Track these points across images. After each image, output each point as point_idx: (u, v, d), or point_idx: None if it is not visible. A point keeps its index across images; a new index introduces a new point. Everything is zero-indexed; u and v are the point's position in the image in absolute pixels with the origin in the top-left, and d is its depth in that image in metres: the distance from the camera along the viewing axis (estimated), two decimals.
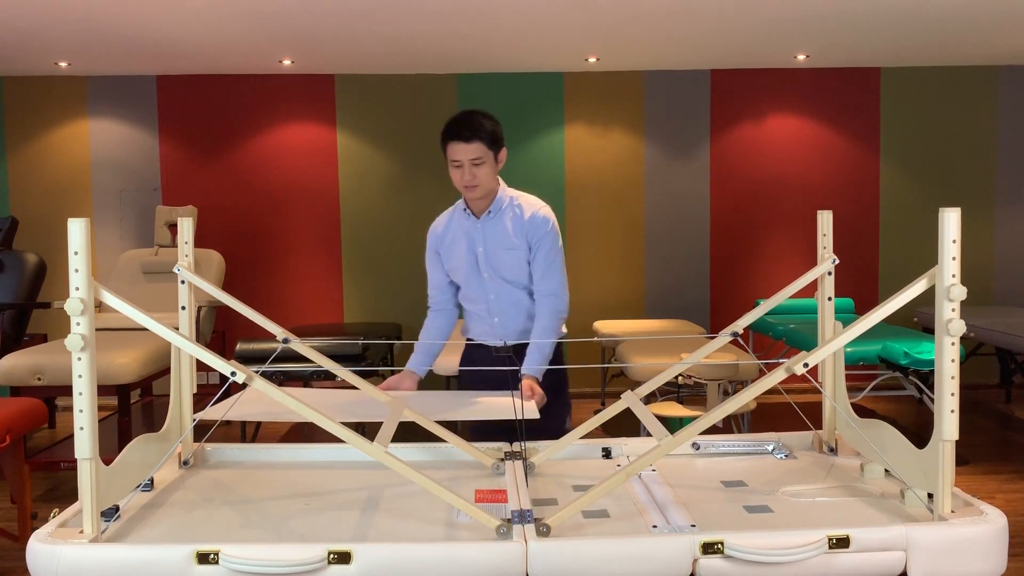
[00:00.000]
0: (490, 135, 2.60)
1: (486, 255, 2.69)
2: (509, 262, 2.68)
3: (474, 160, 2.57)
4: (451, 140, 2.59)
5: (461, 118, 2.61)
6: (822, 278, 2.08)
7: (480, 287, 2.72)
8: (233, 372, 1.62)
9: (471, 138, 2.56)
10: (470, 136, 2.56)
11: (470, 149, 2.56)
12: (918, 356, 4.42)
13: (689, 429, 1.67)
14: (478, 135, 2.57)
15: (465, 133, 2.56)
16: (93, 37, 5.36)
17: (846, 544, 1.50)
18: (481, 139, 2.57)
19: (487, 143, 2.59)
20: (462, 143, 2.56)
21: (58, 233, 6.49)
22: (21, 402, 3.42)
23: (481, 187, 2.62)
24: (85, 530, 1.53)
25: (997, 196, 6.80)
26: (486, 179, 2.62)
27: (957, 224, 1.53)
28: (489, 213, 2.69)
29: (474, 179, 2.59)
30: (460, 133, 2.57)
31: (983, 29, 5.51)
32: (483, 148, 2.58)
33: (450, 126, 2.61)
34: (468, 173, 2.59)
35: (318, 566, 1.46)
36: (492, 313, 2.73)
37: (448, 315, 2.84)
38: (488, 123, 2.61)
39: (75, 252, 1.50)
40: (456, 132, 2.58)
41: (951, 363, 1.55)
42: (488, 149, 2.59)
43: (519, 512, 1.64)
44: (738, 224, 6.76)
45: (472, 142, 2.56)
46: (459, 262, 2.73)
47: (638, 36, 5.58)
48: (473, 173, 2.59)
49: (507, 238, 2.67)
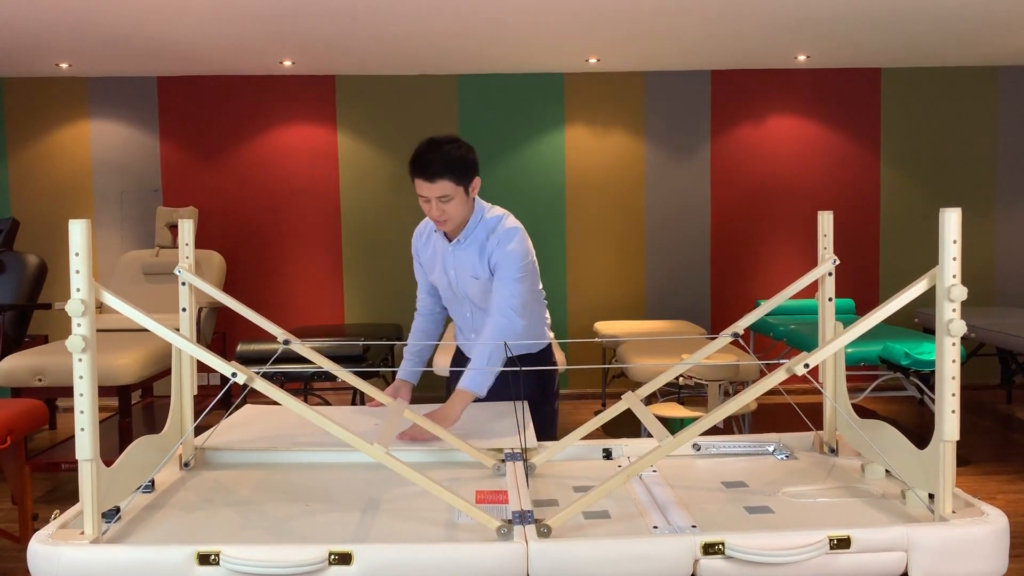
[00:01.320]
0: (457, 169, 2.42)
1: (457, 280, 2.64)
2: (476, 290, 2.61)
3: (441, 198, 2.43)
4: (416, 176, 2.44)
5: (425, 155, 2.42)
6: (823, 279, 2.08)
7: (458, 305, 2.72)
8: (234, 373, 1.62)
9: (435, 177, 2.40)
10: (433, 175, 2.40)
11: (434, 188, 2.41)
12: (919, 357, 4.42)
13: (690, 430, 1.67)
14: (442, 174, 2.40)
15: (428, 172, 2.40)
16: (94, 38, 5.37)
17: (847, 545, 1.50)
18: (446, 176, 2.41)
19: (454, 179, 2.42)
20: (426, 182, 2.41)
21: (59, 234, 6.50)
22: (22, 403, 3.41)
23: (451, 221, 2.50)
24: (86, 531, 1.53)
25: (998, 196, 6.80)
26: (456, 213, 2.48)
27: (958, 224, 1.52)
28: (459, 241, 2.57)
29: (443, 215, 2.46)
30: (424, 171, 2.41)
31: (984, 30, 5.51)
32: (450, 185, 2.41)
33: (415, 160, 2.44)
34: (436, 209, 2.45)
35: (319, 567, 1.46)
36: (471, 328, 2.72)
37: (435, 318, 2.81)
38: (455, 153, 2.42)
39: (76, 253, 1.50)
40: (420, 169, 2.42)
41: (952, 364, 1.55)
42: (456, 185, 2.42)
43: (520, 513, 1.64)
44: (739, 225, 6.76)
45: (436, 181, 2.40)
46: (436, 277, 2.71)
47: (638, 37, 5.58)
48: (441, 209, 2.45)
49: (473, 267, 2.57)
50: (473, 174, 2.48)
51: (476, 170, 2.49)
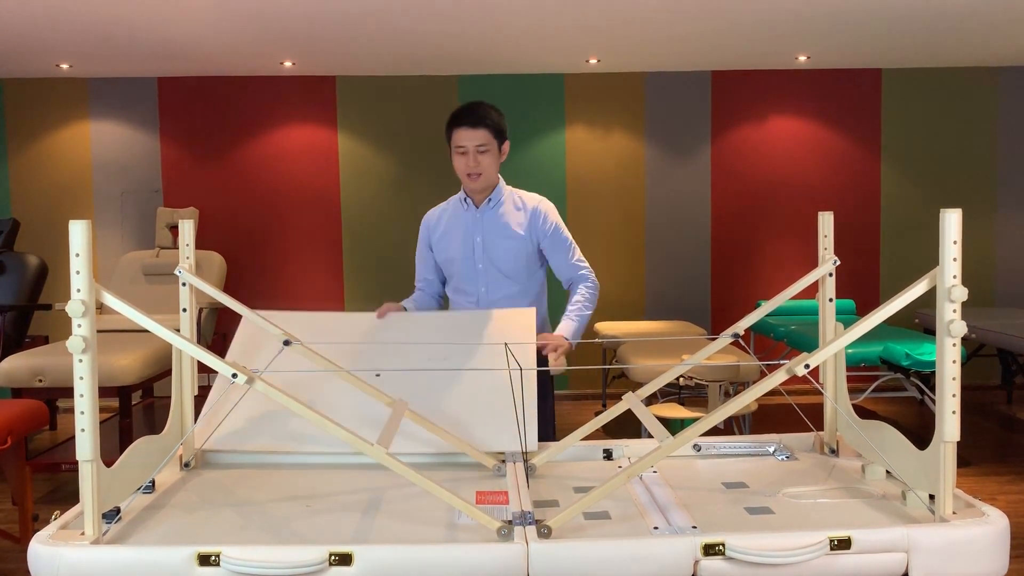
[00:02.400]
0: (495, 125, 2.65)
1: (484, 245, 2.72)
2: (508, 252, 2.72)
3: (479, 147, 2.62)
4: (457, 126, 2.63)
5: (468, 105, 2.66)
6: (823, 279, 2.08)
7: (473, 280, 2.75)
8: (234, 374, 1.62)
9: (477, 124, 2.61)
10: (476, 122, 2.61)
11: (476, 135, 2.61)
12: (919, 357, 4.41)
13: (690, 430, 1.67)
14: (484, 122, 2.62)
15: (471, 119, 2.61)
16: (94, 39, 5.37)
17: (847, 545, 1.50)
18: (487, 126, 2.62)
19: (492, 132, 2.63)
20: (468, 129, 2.61)
21: (59, 235, 6.49)
22: (22, 404, 3.41)
23: (484, 176, 2.66)
24: (86, 532, 1.53)
25: (998, 197, 6.79)
26: (489, 168, 2.66)
27: (958, 225, 1.52)
28: (489, 202, 2.74)
29: (478, 166, 2.63)
30: (466, 119, 2.62)
31: (984, 30, 5.51)
32: (488, 136, 2.62)
33: (457, 113, 2.65)
34: (472, 160, 2.63)
35: (319, 568, 1.46)
36: (481, 306, 2.74)
37: (436, 298, 2.92)
38: (494, 113, 2.66)
39: (76, 254, 1.50)
40: (462, 118, 2.63)
41: (952, 364, 1.55)
42: (493, 138, 2.64)
43: (520, 514, 1.64)
44: (739, 225, 6.76)
45: (478, 128, 2.61)
46: (454, 252, 2.76)
47: (639, 37, 5.58)
48: (477, 160, 2.63)
49: (507, 227, 2.72)
50: (505, 137, 2.71)
51: (507, 136, 2.72)
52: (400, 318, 2.58)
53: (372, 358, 2.34)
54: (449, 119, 2.67)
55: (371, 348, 2.39)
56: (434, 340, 2.41)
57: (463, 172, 2.67)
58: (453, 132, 2.65)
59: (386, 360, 2.33)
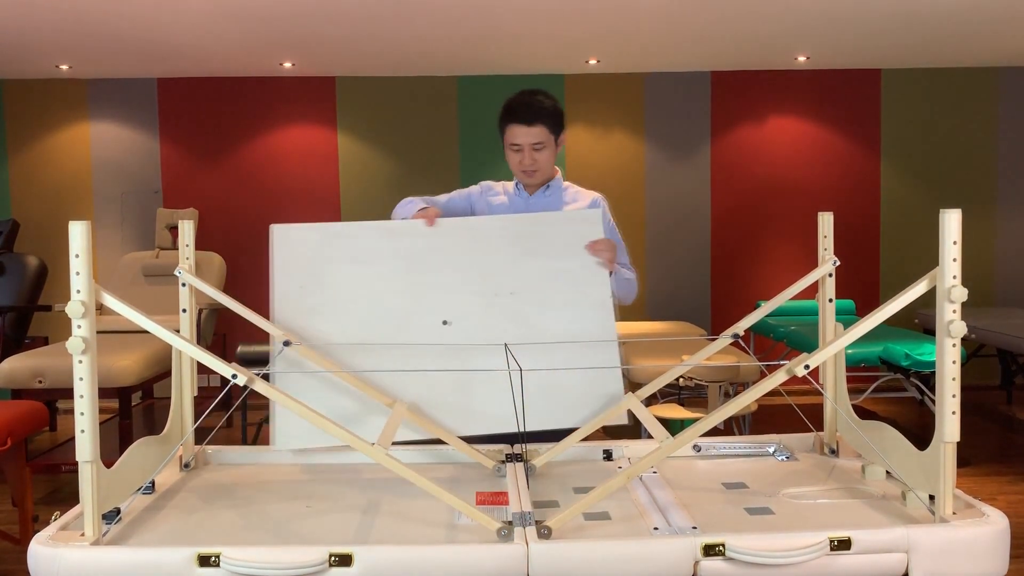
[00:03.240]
0: (552, 117, 2.46)
1: None
2: None
3: (535, 145, 2.45)
4: (512, 123, 2.45)
5: (523, 99, 2.46)
6: (823, 280, 2.08)
7: None
8: (234, 375, 1.62)
9: (533, 121, 2.43)
10: (532, 119, 2.42)
11: (532, 133, 2.44)
12: (919, 358, 4.42)
13: (690, 431, 1.67)
14: (540, 118, 2.43)
15: (527, 116, 2.42)
16: (94, 40, 5.37)
17: (847, 546, 1.50)
18: (543, 122, 2.44)
19: (549, 126, 2.46)
20: (523, 126, 2.43)
21: (59, 236, 6.49)
22: (22, 405, 3.41)
23: (540, 172, 2.51)
24: (86, 533, 1.53)
25: (998, 197, 6.79)
26: (546, 164, 2.51)
27: (958, 225, 1.52)
28: (548, 188, 2.58)
29: (534, 164, 2.47)
30: (522, 116, 2.43)
31: (984, 31, 5.51)
32: (545, 132, 2.45)
33: (511, 107, 2.46)
34: (528, 158, 2.47)
35: (319, 568, 1.46)
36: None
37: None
38: (550, 104, 2.47)
39: (76, 255, 1.50)
40: (518, 114, 2.43)
41: (952, 364, 1.54)
42: (550, 133, 2.47)
43: (520, 514, 1.63)
44: (739, 225, 6.76)
45: (534, 125, 2.43)
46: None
47: (638, 38, 5.58)
48: (534, 158, 2.47)
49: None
50: (563, 127, 2.52)
51: (564, 125, 2.52)
52: (457, 226, 2.25)
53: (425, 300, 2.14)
54: (502, 112, 2.47)
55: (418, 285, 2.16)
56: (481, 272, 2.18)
57: (518, 169, 2.50)
58: (507, 128, 2.46)
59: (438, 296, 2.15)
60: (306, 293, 2.15)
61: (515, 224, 2.28)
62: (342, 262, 2.17)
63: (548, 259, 2.22)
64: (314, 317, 2.14)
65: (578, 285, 2.20)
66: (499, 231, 2.24)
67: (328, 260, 2.18)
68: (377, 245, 2.20)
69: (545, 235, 2.26)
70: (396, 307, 2.16)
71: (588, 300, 2.20)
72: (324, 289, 2.16)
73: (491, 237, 2.23)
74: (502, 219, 2.33)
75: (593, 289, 2.21)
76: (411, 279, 2.17)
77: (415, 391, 2.09)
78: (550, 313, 2.18)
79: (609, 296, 2.23)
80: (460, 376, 2.12)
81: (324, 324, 2.13)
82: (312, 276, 2.16)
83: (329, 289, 2.16)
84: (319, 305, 2.15)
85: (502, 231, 2.24)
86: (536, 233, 2.25)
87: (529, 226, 2.28)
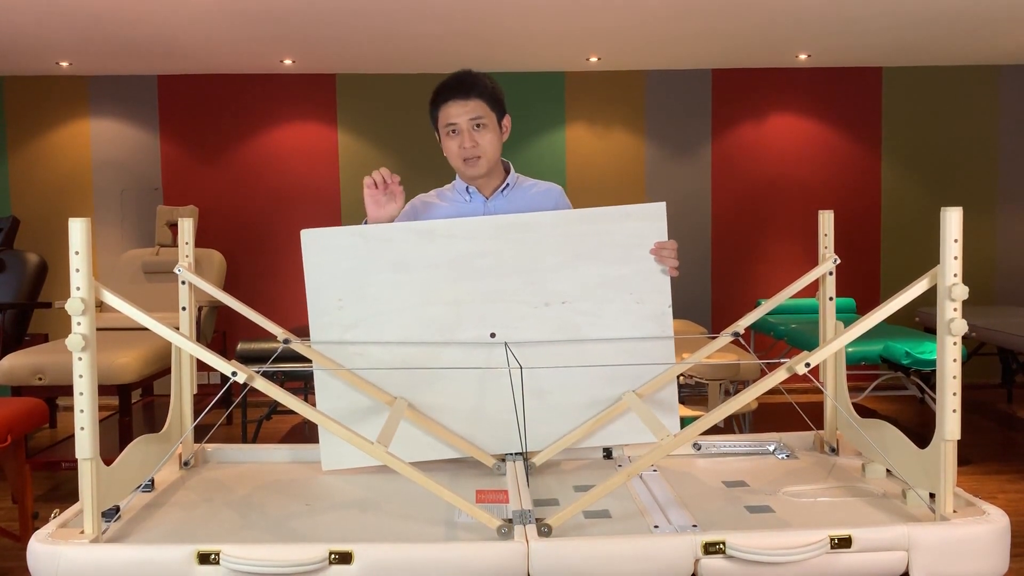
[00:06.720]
0: (491, 93, 2.15)
1: None
2: None
3: (474, 120, 2.12)
4: (443, 102, 2.13)
5: (453, 75, 2.15)
6: (823, 278, 2.08)
7: None
8: (234, 372, 1.62)
9: (468, 94, 2.11)
10: (467, 92, 2.11)
11: (468, 107, 2.11)
12: (920, 356, 4.41)
13: (690, 429, 1.67)
14: (476, 90, 2.11)
15: (461, 90, 2.11)
16: (94, 37, 5.36)
17: (848, 544, 1.50)
18: (481, 96, 2.12)
19: (488, 102, 2.13)
20: (458, 101, 2.11)
21: (59, 233, 6.49)
22: (22, 402, 3.42)
23: (485, 158, 2.15)
24: (86, 530, 1.53)
25: (999, 195, 6.79)
26: (490, 148, 2.15)
27: (959, 223, 1.52)
28: (507, 186, 2.24)
29: (476, 146, 2.13)
30: (455, 90, 2.11)
31: (985, 29, 5.50)
32: (484, 107, 2.12)
33: (440, 86, 2.15)
34: (469, 139, 2.12)
35: (319, 566, 1.46)
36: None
37: None
38: (488, 81, 2.16)
39: (76, 252, 1.50)
40: (450, 89, 2.12)
41: (953, 363, 1.54)
42: (491, 109, 2.14)
43: (520, 512, 1.63)
44: (739, 224, 6.76)
45: (470, 99, 2.11)
46: None
47: (639, 36, 5.58)
48: (475, 140, 2.13)
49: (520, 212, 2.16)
50: (504, 110, 2.21)
51: (506, 110, 2.22)
52: (502, 225, 2.00)
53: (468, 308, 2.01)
54: (433, 95, 2.15)
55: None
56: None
57: (458, 157, 2.16)
58: (440, 109, 2.14)
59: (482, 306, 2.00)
60: (344, 308, 2.01)
61: (568, 222, 2.02)
62: (380, 271, 2.00)
63: (604, 264, 2.02)
64: (354, 332, 2.02)
65: (635, 294, 2.04)
66: (550, 229, 2.01)
67: (365, 270, 2.01)
68: (416, 249, 2.01)
69: (602, 235, 2.02)
70: (440, 319, 2.01)
71: (645, 311, 2.05)
72: (362, 302, 2.01)
73: (541, 238, 2.00)
74: (553, 216, 2.04)
75: (653, 298, 2.06)
76: (455, 288, 2.00)
77: (449, 409, 2.03)
78: (601, 323, 2.02)
79: (669, 307, 2.08)
80: (498, 400, 2.02)
81: (364, 340, 2.02)
82: (349, 289, 2.01)
83: (368, 302, 2.01)
84: (359, 320, 2.02)
85: (552, 229, 2.01)
86: (592, 232, 2.01)
87: (585, 224, 2.02)
